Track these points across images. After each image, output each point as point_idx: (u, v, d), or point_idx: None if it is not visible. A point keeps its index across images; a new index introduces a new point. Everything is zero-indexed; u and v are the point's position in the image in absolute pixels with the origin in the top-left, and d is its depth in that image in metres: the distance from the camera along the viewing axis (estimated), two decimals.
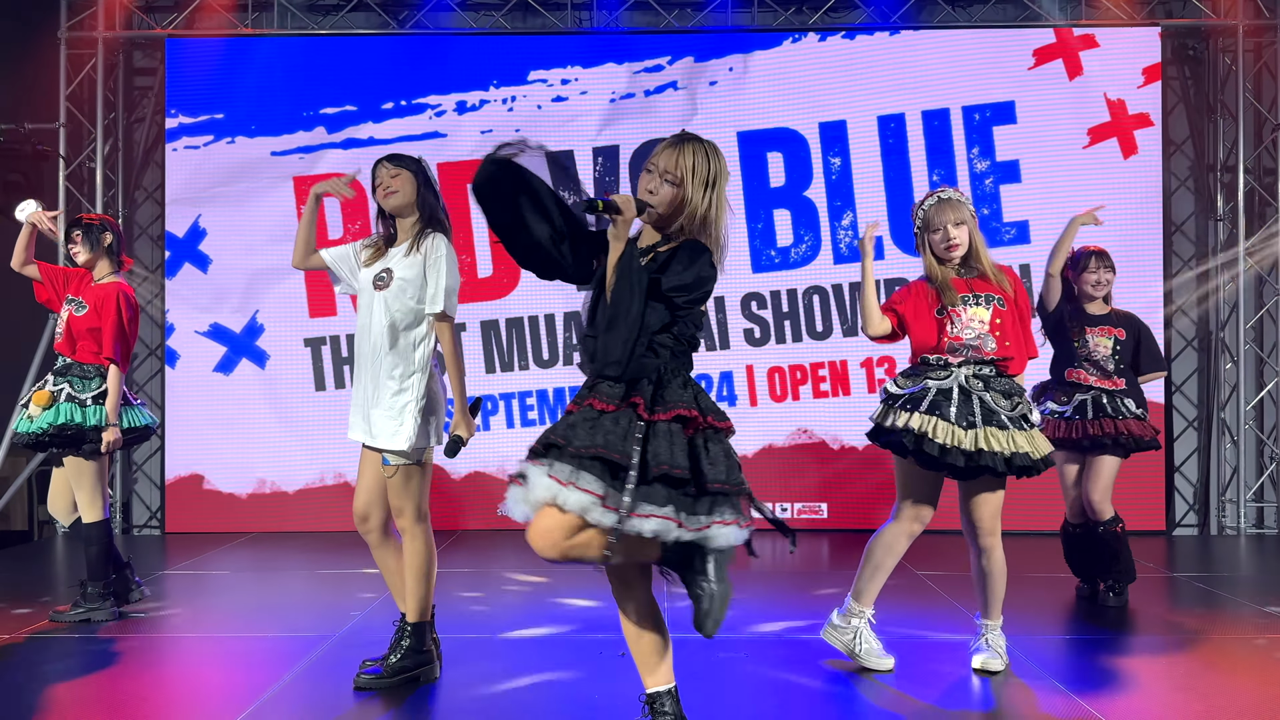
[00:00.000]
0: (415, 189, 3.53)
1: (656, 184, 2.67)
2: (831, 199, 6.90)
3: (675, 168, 2.66)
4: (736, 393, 6.89)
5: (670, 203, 2.66)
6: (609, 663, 3.85)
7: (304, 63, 7.01)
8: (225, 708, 3.35)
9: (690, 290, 2.61)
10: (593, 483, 2.51)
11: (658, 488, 2.51)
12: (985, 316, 3.66)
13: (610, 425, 2.54)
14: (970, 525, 3.68)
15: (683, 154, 2.67)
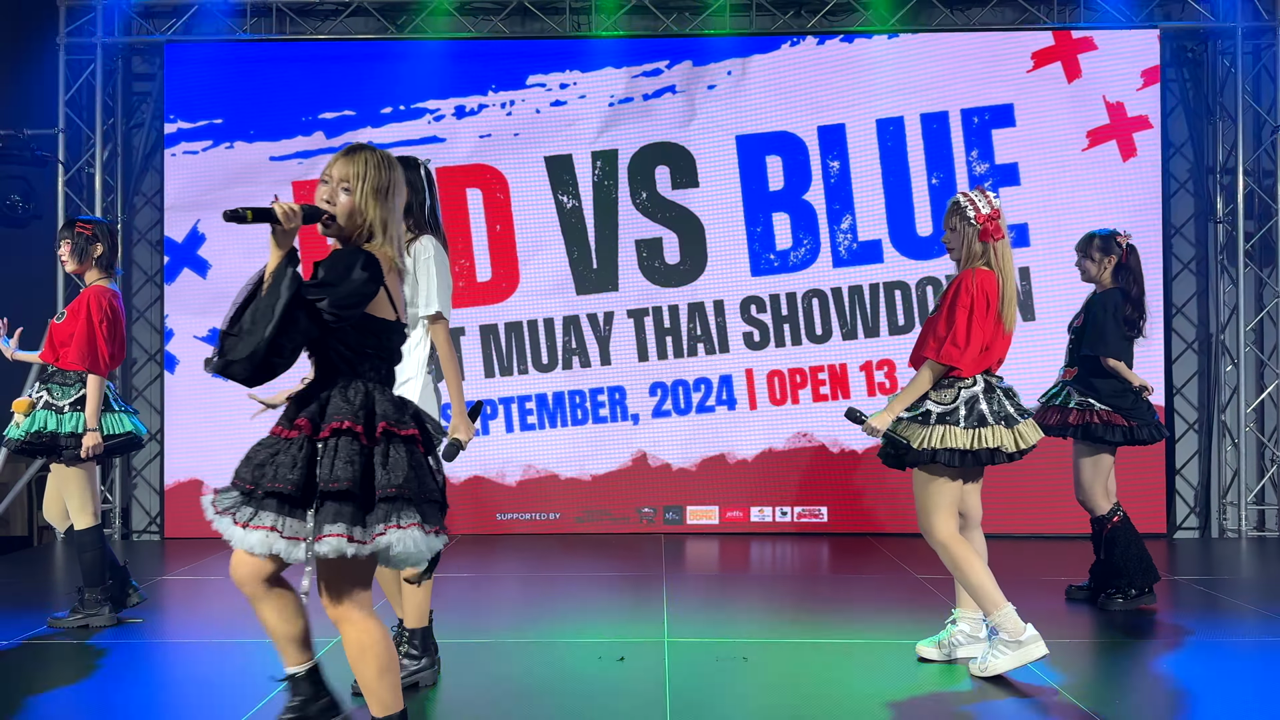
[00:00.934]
0: (418, 194, 3.49)
1: (333, 193, 2.61)
2: (830, 202, 6.90)
3: (348, 176, 2.60)
4: (736, 396, 6.89)
5: (348, 212, 2.60)
6: (609, 667, 3.84)
7: (302, 68, 7.01)
8: (225, 713, 3.34)
9: (326, 291, 2.49)
10: (269, 518, 2.45)
11: (328, 506, 2.44)
12: None
13: (282, 456, 2.50)
14: (967, 517, 3.78)
15: (354, 162, 2.61)
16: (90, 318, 4.30)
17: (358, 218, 2.60)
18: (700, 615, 4.67)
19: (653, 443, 6.91)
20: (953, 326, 3.53)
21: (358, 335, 2.57)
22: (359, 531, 2.42)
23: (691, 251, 6.93)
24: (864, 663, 3.89)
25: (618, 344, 6.94)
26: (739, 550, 6.37)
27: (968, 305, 3.53)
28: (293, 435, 2.52)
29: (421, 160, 3.58)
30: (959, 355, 3.52)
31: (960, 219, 3.66)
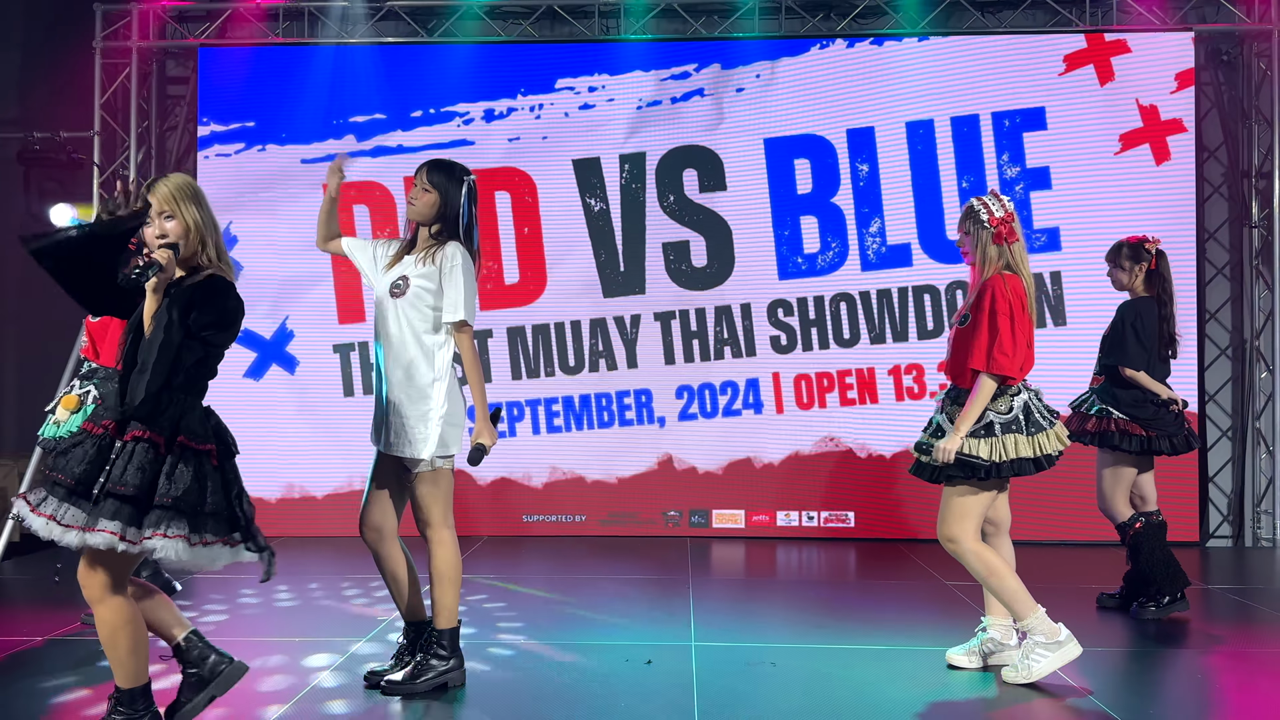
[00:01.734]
0: (438, 207, 3.52)
1: (160, 226, 2.84)
2: (859, 205, 6.87)
3: (164, 206, 2.84)
4: (763, 399, 6.87)
5: (180, 235, 2.84)
6: (637, 670, 3.84)
7: (334, 71, 7.07)
8: (255, 712, 3.37)
9: (220, 328, 2.83)
10: (51, 505, 2.68)
11: (108, 503, 2.65)
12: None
13: (77, 450, 2.72)
14: (998, 524, 3.79)
15: (164, 192, 2.85)
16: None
17: (193, 240, 2.86)
18: (727, 619, 4.65)
19: (679, 446, 6.91)
20: (997, 334, 3.51)
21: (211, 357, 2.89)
22: (132, 532, 2.64)
23: (719, 254, 6.92)
24: (894, 670, 3.86)
25: (644, 347, 6.94)
26: (765, 554, 6.35)
27: (1007, 311, 3.52)
28: (98, 432, 2.74)
29: (468, 177, 3.60)
30: (1008, 363, 3.51)
31: (974, 223, 3.65)
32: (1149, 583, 4.64)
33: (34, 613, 4.79)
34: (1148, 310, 4.61)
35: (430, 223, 3.55)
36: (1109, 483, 4.69)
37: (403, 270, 3.52)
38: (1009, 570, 3.64)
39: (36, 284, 8.07)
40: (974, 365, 3.54)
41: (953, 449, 3.52)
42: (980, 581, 3.69)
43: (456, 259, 3.47)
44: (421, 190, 3.52)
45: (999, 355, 3.50)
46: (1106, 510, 4.74)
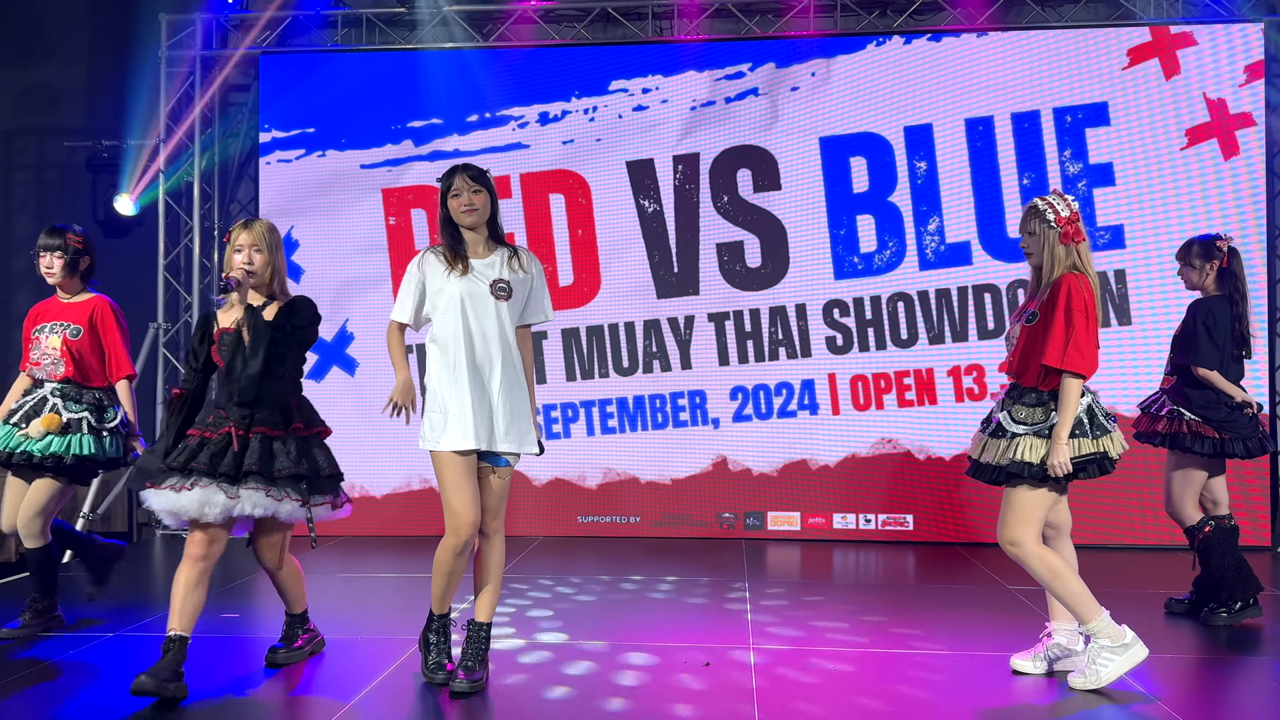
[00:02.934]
0: (490, 206, 3.61)
1: (248, 256, 3.61)
2: (917, 204, 6.78)
3: (259, 240, 3.63)
4: (818, 401, 6.81)
5: (261, 265, 3.63)
6: (695, 671, 3.83)
7: (391, 77, 7.17)
8: (320, 709, 3.42)
9: (303, 332, 3.67)
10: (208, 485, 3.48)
11: (251, 478, 3.51)
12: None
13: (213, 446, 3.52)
14: (1059, 527, 3.73)
15: (257, 229, 3.65)
16: (121, 327, 4.34)
17: (268, 273, 3.65)
18: (785, 622, 4.62)
19: (733, 447, 6.88)
20: (1073, 331, 3.45)
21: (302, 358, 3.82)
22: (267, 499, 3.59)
23: (773, 255, 6.89)
24: (957, 675, 3.80)
25: (698, 348, 6.93)
26: (822, 557, 6.29)
27: (1082, 308, 3.47)
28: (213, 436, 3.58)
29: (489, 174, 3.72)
30: (1083, 360, 3.44)
31: (1040, 222, 3.59)
32: (1220, 588, 4.53)
33: (104, 609, 4.90)
34: (1220, 309, 4.49)
35: (481, 228, 3.61)
36: (1178, 485, 4.59)
37: (494, 274, 3.58)
38: (1072, 573, 3.57)
39: (104, 285, 8.29)
40: (1047, 361, 3.48)
41: (1065, 458, 3.44)
42: (1043, 585, 3.62)
43: (539, 263, 3.73)
44: (472, 193, 3.56)
45: (1074, 352, 3.44)
46: (1175, 513, 4.63)
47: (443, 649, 3.67)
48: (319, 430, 3.77)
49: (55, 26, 8.44)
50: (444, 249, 3.61)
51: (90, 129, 8.11)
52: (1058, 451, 3.44)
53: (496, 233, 3.67)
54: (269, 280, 3.64)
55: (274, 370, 3.60)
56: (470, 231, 3.61)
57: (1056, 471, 3.45)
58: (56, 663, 3.93)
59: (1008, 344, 3.72)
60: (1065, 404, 3.46)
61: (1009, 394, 3.65)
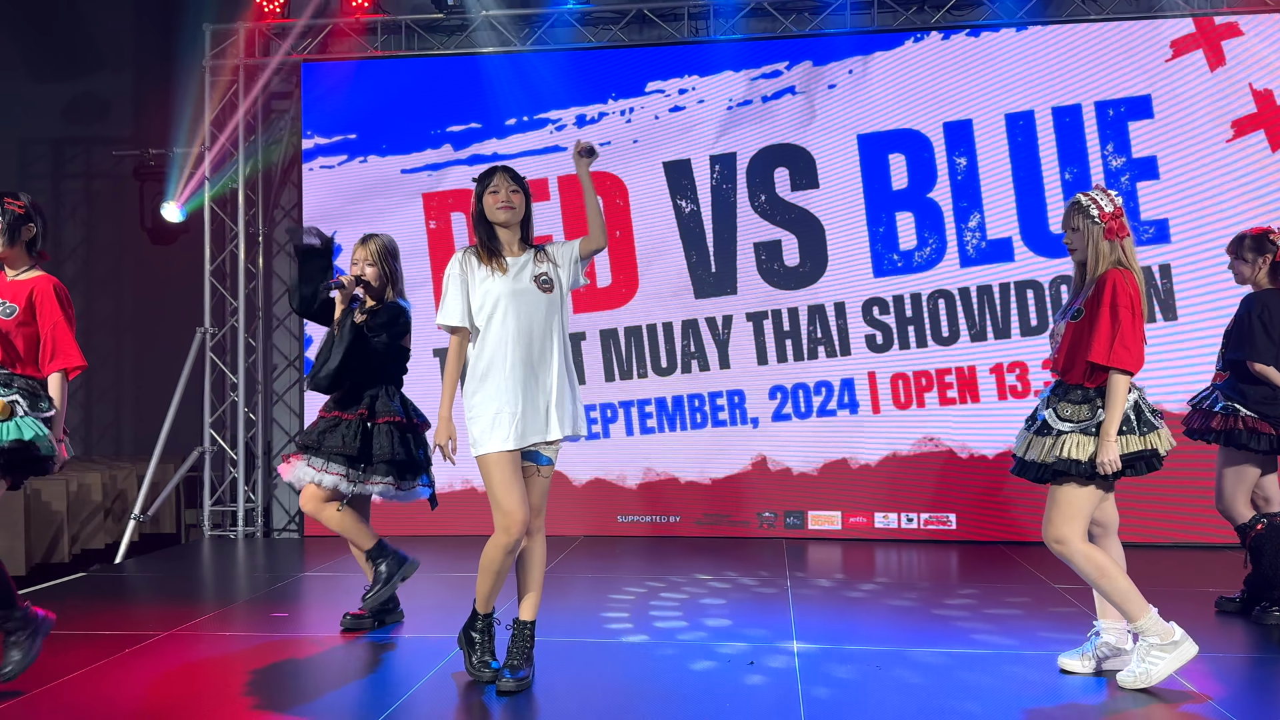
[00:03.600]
0: (527, 206, 3.66)
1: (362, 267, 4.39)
2: (957, 200, 6.73)
3: (372, 256, 4.41)
4: (858, 399, 6.78)
5: (374, 276, 4.39)
6: (740, 671, 3.84)
7: (431, 82, 7.24)
8: (367, 708, 3.46)
9: (381, 332, 4.28)
10: (339, 468, 4.29)
11: (380, 466, 4.30)
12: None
13: (345, 430, 4.31)
14: (1105, 524, 3.69)
15: (372, 245, 4.43)
16: (65, 309, 3.70)
17: (380, 283, 4.41)
18: (827, 622, 4.61)
19: (773, 446, 6.87)
20: (1119, 327, 3.41)
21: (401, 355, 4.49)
22: (400, 483, 4.42)
23: (811, 253, 6.87)
24: (1003, 675, 3.78)
25: (737, 347, 6.93)
26: (863, 557, 6.26)
27: (1128, 304, 3.43)
28: (349, 418, 4.37)
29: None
30: (1129, 356, 3.41)
31: (1084, 218, 3.56)
32: (1272, 586, 4.45)
33: (155, 609, 5.01)
34: (1275, 302, 4.41)
35: (515, 227, 3.64)
36: (1230, 483, 4.52)
37: (536, 269, 3.62)
38: (1119, 570, 3.54)
39: (152, 291, 8.47)
40: (1093, 358, 3.44)
41: (1114, 455, 3.41)
42: (1090, 583, 3.59)
43: (561, 244, 3.79)
44: (511, 192, 3.60)
45: (1120, 349, 3.41)
46: (1226, 511, 4.56)
47: (488, 647, 3.70)
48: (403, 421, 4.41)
49: (102, 38, 8.63)
50: (480, 248, 3.63)
51: (137, 138, 8.28)
52: (1106, 449, 3.41)
53: (528, 235, 3.70)
54: (381, 289, 4.36)
55: (351, 366, 4.24)
56: (504, 230, 3.64)
57: (1106, 469, 3.41)
58: (105, 665, 4.01)
59: (1052, 341, 3.69)
60: (1112, 401, 3.43)
61: (1054, 391, 3.62)
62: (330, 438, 4.29)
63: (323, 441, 4.29)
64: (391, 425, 4.33)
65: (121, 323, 8.61)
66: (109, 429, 8.66)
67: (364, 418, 4.32)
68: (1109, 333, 3.43)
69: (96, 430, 8.59)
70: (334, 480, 4.26)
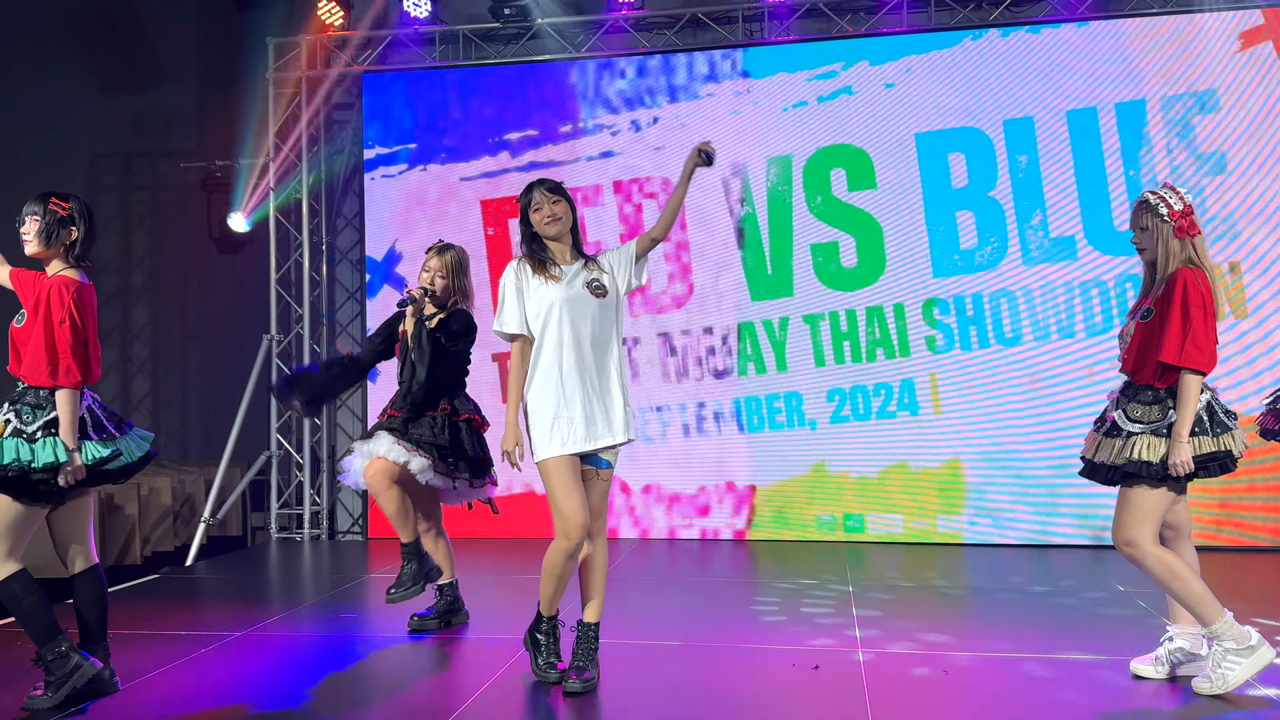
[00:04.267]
0: (571, 215, 3.71)
1: (433, 278, 4.48)
2: (1019, 198, 6.64)
3: (444, 268, 4.50)
4: (919, 401, 6.72)
5: (441, 287, 4.48)
6: (805, 675, 3.83)
7: (487, 90, 7.33)
8: (437, 707, 3.52)
9: (458, 340, 4.44)
10: (426, 456, 4.36)
11: (461, 463, 4.45)
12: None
13: (432, 422, 4.42)
14: (1178, 528, 3.63)
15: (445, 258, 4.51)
16: (50, 317, 3.39)
17: (445, 293, 4.49)
18: (891, 626, 4.58)
19: (831, 449, 6.83)
20: (1190, 326, 3.35)
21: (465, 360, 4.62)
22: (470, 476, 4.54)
23: (869, 254, 6.82)
24: (1073, 679, 3.72)
25: (794, 350, 6.90)
26: (924, 560, 6.20)
27: (1200, 303, 3.36)
28: (430, 415, 4.45)
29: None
30: (1201, 356, 3.35)
31: (1153, 216, 3.50)
32: None
33: (226, 610, 5.13)
34: None
35: (565, 237, 3.70)
36: None
37: (588, 275, 3.66)
38: (1192, 574, 3.47)
39: (219, 299, 8.67)
40: (1164, 358, 3.39)
41: (1186, 457, 3.35)
42: (1162, 587, 3.53)
43: (612, 249, 3.86)
44: (552, 204, 3.66)
45: (1192, 348, 3.35)
46: None
47: (553, 649, 3.74)
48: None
49: (168, 54, 8.87)
50: (532, 261, 3.69)
51: (201, 150, 8.49)
52: (1179, 450, 3.35)
53: (578, 243, 3.76)
54: (447, 300, 4.47)
55: (434, 377, 4.37)
56: (555, 242, 3.70)
57: (1178, 471, 3.35)
58: (188, 661, 4.12)
59: (1122, 341, 3.63)
60: (1184, 401, 3.37)
61: (1124, 392, 3.57)
62: (417, 427, 4.36)
63: (408, 429, 4.35)
64: (471, 423, 4.49)
65: (188, 330, 8.84)
66: (176, 434, 8.89)
67: (447, 414, 4.43)
68: (1180, 332, 3.37)
69: (164, 436, 8.81)
70: (421, 464, 4.31)
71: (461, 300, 4.49)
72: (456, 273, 4.47)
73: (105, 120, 8.82)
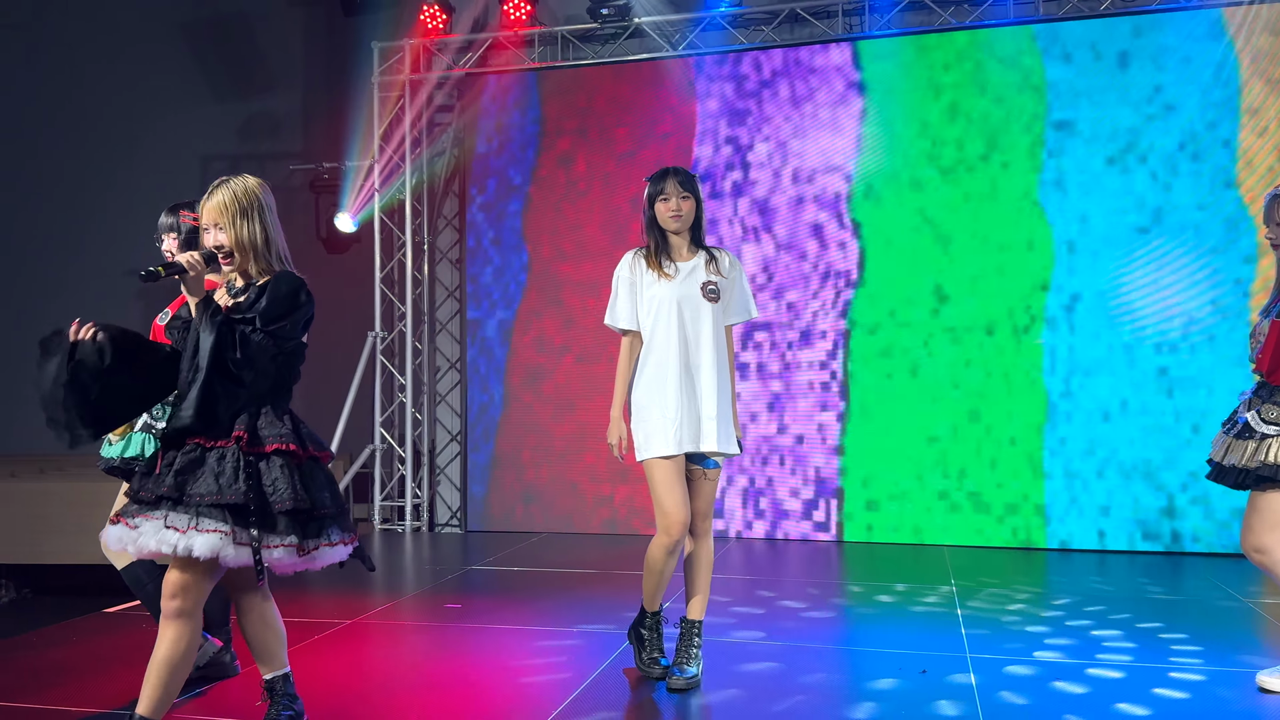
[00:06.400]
0: (697, 211, 3.67)
1: (213, 236, 2.83)
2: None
3: (216, 218, 2.82)
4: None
5: (233, 245, 2.82)
6: (912, 680, 3.77)
7: (585, 90, 7.39)
8: (543, 699, 3.56)
9: (276, 320, 2.76)
10: (218, 524, 2.64)
11: (280, 519, 2.70)
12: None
13: (216, 466, 2.67)
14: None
15: (212, 199, 2.82)
16: None
17: (245, 246, 2.83)
18: (1000, 631, 4.47)
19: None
20: None
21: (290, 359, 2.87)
22: (303, 543, 2.79)
23: None
24: (1197, 692, 3.59)
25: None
26: (1033, 565, 6.04)
27: None
28: (218, 446, 2.74)
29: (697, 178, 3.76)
30: None
31: None
32: None
33: (335, 599, 5.27)
34: None
35: (685, 233, 3.67)
36: None
37: (702, 276, 3.63)
38: None
39: (326, 298, 8.92)
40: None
41: None
42: None
43: (739, 263, 3.76)
44: (681, 199, 3.63)
45: None
46: None
47: (657, 644, 3.76)
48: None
49: (276, 60, 9.17)
50: (649, 252, 3.68)
51: (306, 153, 8.76)
52: None
53: (699, 237, 3.72)
54: (249, 262, 2.86)
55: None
56: (675, 236, 3.68)
57: None
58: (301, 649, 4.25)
59: (1255, 341, 3.49)
60: None
61: (1256, 393, 3.42)
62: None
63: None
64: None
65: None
66: None
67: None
68: None
69: None
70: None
71: (270, 259, 2.87)
72: (240, 217, 2.83)
73: (217, 125, 9.15)
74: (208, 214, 2.83)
